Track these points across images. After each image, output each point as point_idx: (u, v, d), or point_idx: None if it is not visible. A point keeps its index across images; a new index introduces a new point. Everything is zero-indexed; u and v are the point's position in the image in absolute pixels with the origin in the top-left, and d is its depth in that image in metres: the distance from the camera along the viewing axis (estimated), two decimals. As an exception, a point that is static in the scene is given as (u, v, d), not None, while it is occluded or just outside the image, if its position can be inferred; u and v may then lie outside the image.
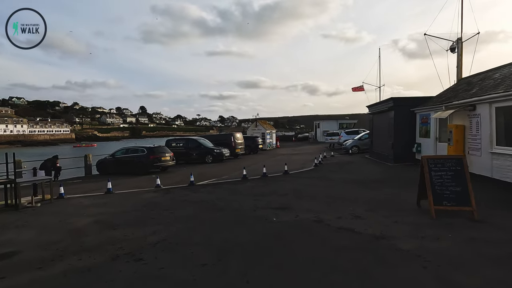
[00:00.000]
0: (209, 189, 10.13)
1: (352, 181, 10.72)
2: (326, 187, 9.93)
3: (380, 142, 17.00)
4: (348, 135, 28.77)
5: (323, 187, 9.92)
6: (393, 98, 14.57)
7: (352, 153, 21.28)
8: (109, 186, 10.09)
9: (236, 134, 23.83)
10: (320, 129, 44.92)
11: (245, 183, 10.96)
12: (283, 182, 10.95)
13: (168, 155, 15.96)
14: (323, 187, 9.82)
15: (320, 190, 9.30)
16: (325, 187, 9.82)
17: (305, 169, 14.52)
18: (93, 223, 6.43)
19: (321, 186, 10.12)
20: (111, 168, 16.02)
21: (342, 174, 12.48)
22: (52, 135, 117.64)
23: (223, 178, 12.44)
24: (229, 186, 10.56)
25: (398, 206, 7.05)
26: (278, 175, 12.70)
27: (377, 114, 17.50)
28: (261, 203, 7.71)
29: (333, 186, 10.10)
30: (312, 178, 11.84)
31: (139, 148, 15.87)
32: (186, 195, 9.12)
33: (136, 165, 15.21)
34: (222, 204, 7.78)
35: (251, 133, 34.37)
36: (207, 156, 19.82)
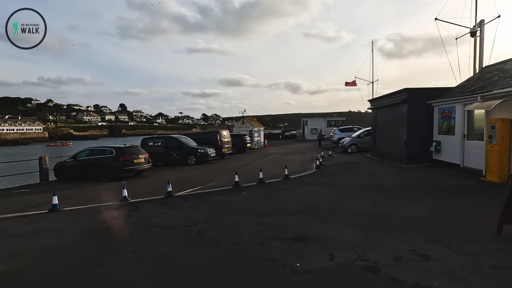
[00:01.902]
0: (193, 203, 7.69)
1: (372, 188, 8.59)
2: (344, 197, 7.72)
3: (386, 140, 15.07)
4: (342, 132, 26.87)
5: (341, 197, 7.70)
6: (407, 89, 12.61)
7: (351, 152, 19.33)
8: (54, 202, 7.43)
9: (223, 132, 21.36)
10: (308, 126, 43.08)
11: (239, 193, 8.58)
12: (287, 191, 8.66)
13: (143, 156, 13.31)
14: (341, 198, 7.60)
15: (340, 203, 7.07)
16: (343, 198, 7.61)
17: (307, 172, 12.30)
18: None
19: (337, 196, 7.89)
20: (72, 173, 13.19)
21: (353, 179, 10.34)
22: (22, 134, 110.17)
23: (209, 186, 10.00)
24: (219, 198, 8.15)
25: (466, 232, 4.91)
26: (277, 180, 10.40)
27: (383, 109, 15.56)
28: (269, 229, 5.36)
29: (352, 196, 7.90)
30: (320, 184, 9.61)
31: (106, 148, 13.10)
32: (160, 215, 6.64)
33: (101, 170, 12.48)
34: (212, 231, 5.37)
35: (237, 131, 31.95)
36: (189, 157, 17.23)
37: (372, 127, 17.44)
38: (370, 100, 17.15)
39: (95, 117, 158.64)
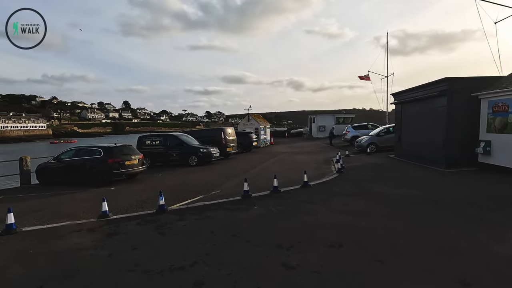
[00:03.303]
0: (190, 222, 5.83)
1: (424, 203, 6.62)
2: (395, 218, 5.75)
3: (416, 139, 13.09)
4: (356, 130, 24.86)
5: (391, 218, 5.72)
6: (448, 78, 10.60)
7: (370, 152, 17.33)
8: (9, 221, 5.63)
9: (227, 130, 19.48)
10: (315, 124, 41.00)
11: (250, 208, 6.70)
12: (311, 206, 6.77)
13: (136, 157, 11.49)
14: (392, 220, 5.62)
15: (395, 229, 5.09)
16: (395, 220, 5.64)
17: (328, 177, 10.38)
18: None
19: (385, 216, 5.90)
20: (56, 176, 11.46)
21: (391, 188, 8.38)
22: (26, 131, 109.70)
23: (213, 195, 8.17)
24: (225, 214, 6.28)
25: None
26: (294, 189, 8.51)
27: (412, 103, 13.55)
28: (303, 279, 3.48)
29: (405, 215, 5.92)
30: (352, 196, 7.67)
31: (94, 148, 11.28)
32: (144, 244, 4.78)
33: (87, 173, 10.70)
34: (217, 284, 3.51)
35: (243, 129, 30.10)
36: (190, 157, 15.40)
37: (396, 124, 15.44)
38: (394, 93, 15.13)
39: (99, 114, 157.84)
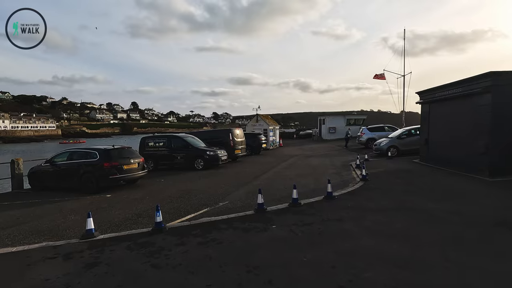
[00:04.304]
0: (193, 249, 4.61)
1: (488, 225, 5.28)
2: (459, 246, 4.46)
3: (447, 143, 11.67)
4: (372, 132, 23.41)
5: (456, 247, 4.44)
6: (493, 73, 9.17)
7: (392, 156, 15.90)
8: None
9: (235, 131, 18.30)
10: (325, 125, 39.54)
11: (267, 227, 5.45)
12: (342, 225, 5.48)
13: (136, 161, 10.37)
14: (457, 249, 4.35)
15: (469, 276, 3.84)
16: (459, 247, 4.35)
17: (352, 186, 9.04)
18: None
19: (446, 243, 4.63)
20: (49, 181, 10.47)
21: (430, 201, 7.00)
22: (36, 131, 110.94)
23: (220, 208, 6.95)
24: (236, 238, 5.04)
25: None
26: (317, 201, 7.22)
27: (443, 102, 12.12)
28: None
29: (472, 243, 4.62)
30: (386, 211, 6.33)
31: (89, 151, 10.17)
32: (129, 284, 3.60)
33: (81, 178, 9.63)
34: None
35: (251, 130, 28.96)
36: (196, 160, 14.25)
37: (422, 126, 13.98)
38: (420, 92, 13.68)
39: (108, 115, 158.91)
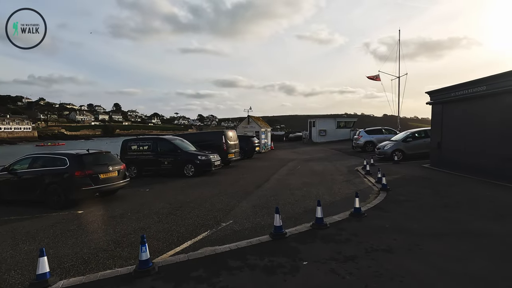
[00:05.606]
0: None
1: None
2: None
3: (466, 147, 10.65)
4: (370, 135, 22.51)
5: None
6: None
7: (398, 160, 14.83)
8: None
9: (229, 133, 16.81)
10: (316, 128, 38.75)
11: (298, 266, 3.92)
12: (397, 260, 4.07)
13: (116, 168, 8.67)
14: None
15: None
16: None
17: (375, 198, 7.65)
18: None
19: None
20: (6, 193, 8.60)
21: (488, 221, 5.76)
22: (10, 133, 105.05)
23: (224, 229, 5.44)
24: (257, 284, 3.54)
25: None
26: (343, 219, 5.83)
27: (460, 103, 11.12)
28: None
29: None
30: (442, 236, 4.97)
31: (58, 156, 8.37)
32: None
33: (46, 190, 7.84)
34: None
35: (242, 132, 27.54)
36: (186, 165, 12.63)
37: (434, 128, 12.97)
38: (431, 91, 12.67)
39: (89, 116, 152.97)
